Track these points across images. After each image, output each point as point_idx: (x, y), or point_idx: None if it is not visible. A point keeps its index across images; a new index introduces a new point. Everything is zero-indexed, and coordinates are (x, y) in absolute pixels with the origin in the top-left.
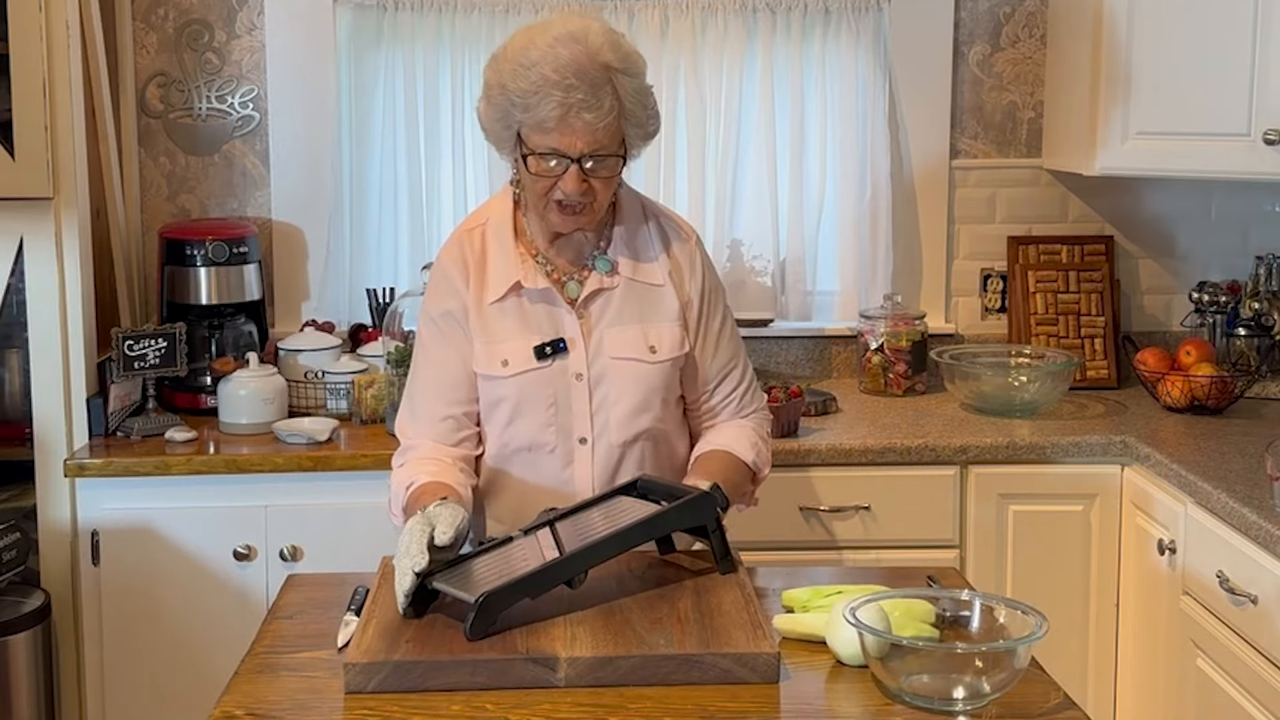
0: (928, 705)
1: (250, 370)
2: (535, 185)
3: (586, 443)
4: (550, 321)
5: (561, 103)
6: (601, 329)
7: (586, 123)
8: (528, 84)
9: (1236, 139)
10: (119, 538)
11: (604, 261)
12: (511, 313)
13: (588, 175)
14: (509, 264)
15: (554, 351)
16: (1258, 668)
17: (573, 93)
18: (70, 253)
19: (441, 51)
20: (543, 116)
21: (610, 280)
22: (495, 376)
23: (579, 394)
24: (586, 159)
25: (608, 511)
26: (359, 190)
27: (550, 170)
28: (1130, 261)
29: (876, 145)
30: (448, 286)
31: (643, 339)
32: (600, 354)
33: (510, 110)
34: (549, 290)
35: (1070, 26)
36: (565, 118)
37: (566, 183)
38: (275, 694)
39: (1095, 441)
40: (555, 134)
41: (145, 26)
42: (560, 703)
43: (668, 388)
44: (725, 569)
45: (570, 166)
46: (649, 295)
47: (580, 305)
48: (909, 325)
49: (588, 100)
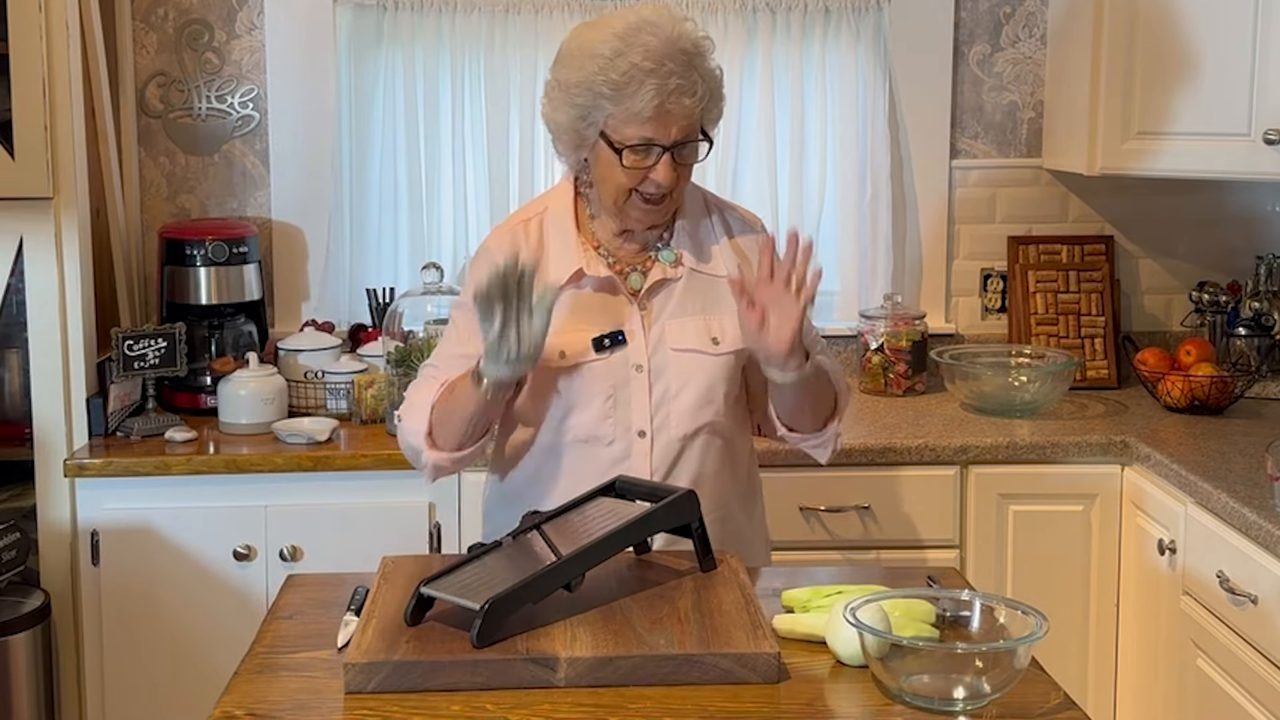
0: (928, 705)
1: (250, 370)
2: (622, 180)
3: (645, 436)
4: (609, 312)
5: (659, 89)
6: (663, 321)
7: (685, 108)
8: (619, 75)
9: (1236, 139)
10: (119, 538)
11: (668, 253)
12: (569, 302)
13: (678, 163)
14: (570, 252)
15: (613, 343)
16: (1258, 668)
17: (670, 79)
18: (70, 253)
19: (441, 51)
20: (639, 107)
21: (674, 271)
22: (552, 367)
23: (638, 386)
24: (678, 146)
25: (593, 513)
26: (359, 190)
27: (643, 162)
28: (1130, 261)
29: (876, 145)
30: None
31: (705, 330)
32: (661, 346)
33: (598, 105)
34: (611, 279)
35: (1070, 26)
36: (663, 105)
37: (660, 172)
38: (275, 694)
39: (1095, 441)
40: (651, 123)
41: (145, 26)
42: (560, 703)
43: (730, 380)
44: (706, 566)
45: (664, 155)
46: (713, 286)
47: (643, 296)
48: (909, 325)
49: (684, 85)
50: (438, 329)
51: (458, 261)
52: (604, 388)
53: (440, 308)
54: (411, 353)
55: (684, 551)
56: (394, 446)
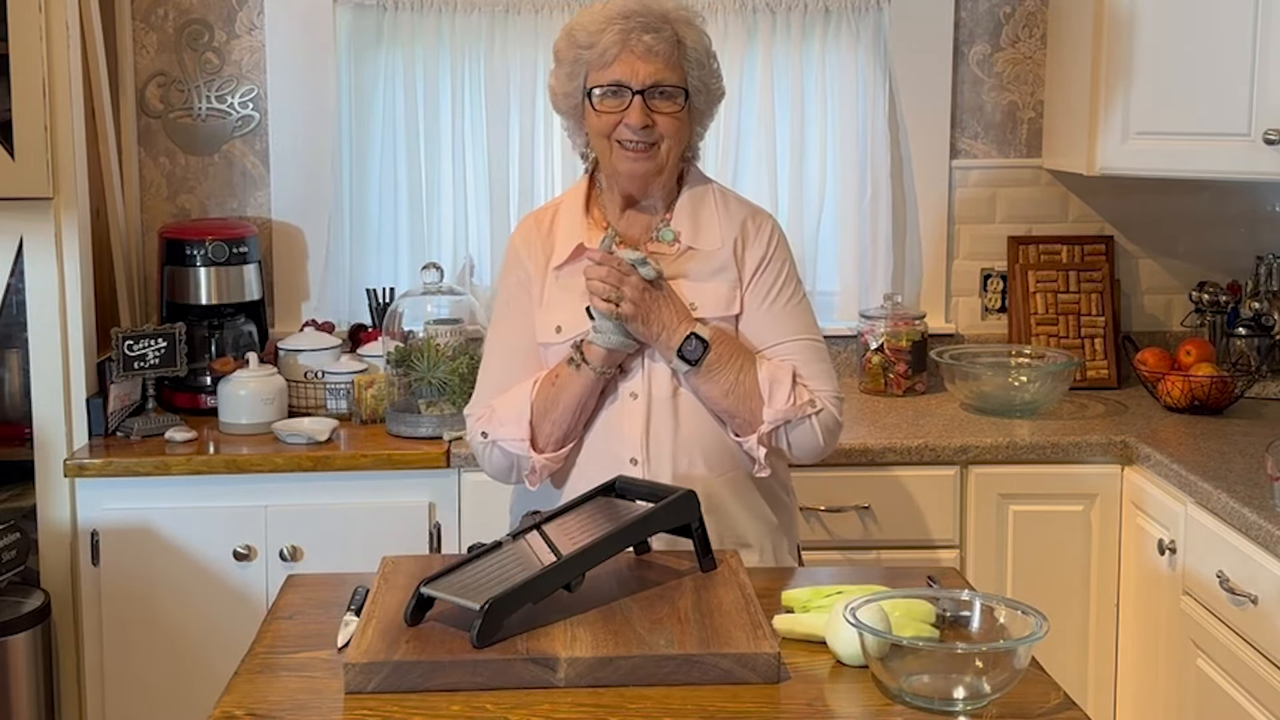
0: (928, 705)
1: (250, 370)
2: (600, 126)
3: (637, 398)
4: None
5: (623, 29)
6: None
7: (646, 45)
8: (594, 24)
9: (1236, 139)
10: (119, 538)
11: (668, 232)
12: (568, 279)
13: (651, 110)
14: (575, 230)
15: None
16: (1258, 668)
17: (633, 19)
18: (70, 253)
19: (441, 51)
20: (604, 46)
21: (671, 249)
22: (551, 343)
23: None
24: (650, 91)
25: (593, 513)
26: (359, 190)
27: (614, 107)
28: (1130, 261)
29: (876, 145)
30: (513, 260)
31: (684, 297)
32: None
33: (579, 57)
34: None
35: (1070, 26)
36: (626, 42)
37: (630, 115)
38: (275, 694)
39: (1095, 441)
40: (617, 64)
41: (145, 26)
42: (560, 703)
43: None
44: (706, 566)
45: (634, 99)
46: (704, 258)
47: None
48: (909, 325)
49: (647, 24)
50: (438, 329)
51: (457, 261)
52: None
53: (440, 308)
54: (411, 353)
55: (684, 551)
56: (394, 446)
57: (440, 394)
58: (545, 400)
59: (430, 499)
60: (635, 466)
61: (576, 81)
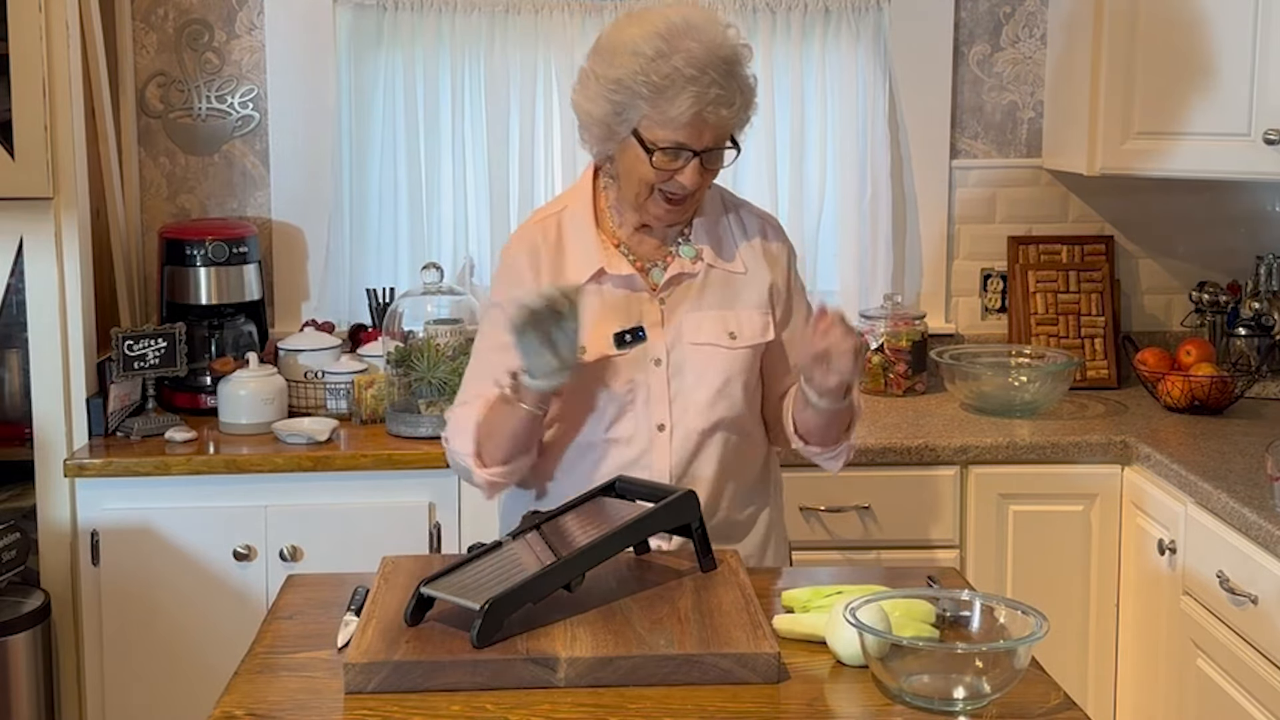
0: (928, 705)
1: (250, 370)
2: (648, 176)
3: (665, 429)
4: (630, 308)
5: (698, 97)
6: (681, 314)
7: (722, 118)
8: (660, 78)
9: (1236, 139)
10: (119, 538)
11: (688, 248)
12: (590, 300)
13: (705, 168)
14: (591, 251)
15: (634, 339)
16: (1258, 668)
17: (710, 89)
18: (70, 253)
19: (441, 51)
20: (676, 113)
21: (693, 266)
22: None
23: (657, 380)
24: (708, 152)
25: (593, 513)
26: (359, 190)
27: (671, 164)
28: (1130, 261)
29: (876, 145)
30: (514, 276)
31: (722, 325)
32: (680, 340)
33: (634, 104)
34: (633, 277)
35: (1070, 26)
36: (700, 113)
37: (686, 175)
38: (275, 694)
39: (1095, 441)
40: (686, 129)
41: (145, 26)
42: (560, 703)
43: (748, 374)
44: (707, 566)
45: (693, 160)
46: (731, 282)
47: (662, 291)
48: (909, 325)
49: (723, 96)
50: (438, 329)
51: (457, 261)
52: (624, 383)
53: (440, 307)
54: (411, 353)
55: (684, 551)
56: (394, 446)
57: (440, 394)
58: (488, 424)
59: (430, 499)
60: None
61: (623, 116)
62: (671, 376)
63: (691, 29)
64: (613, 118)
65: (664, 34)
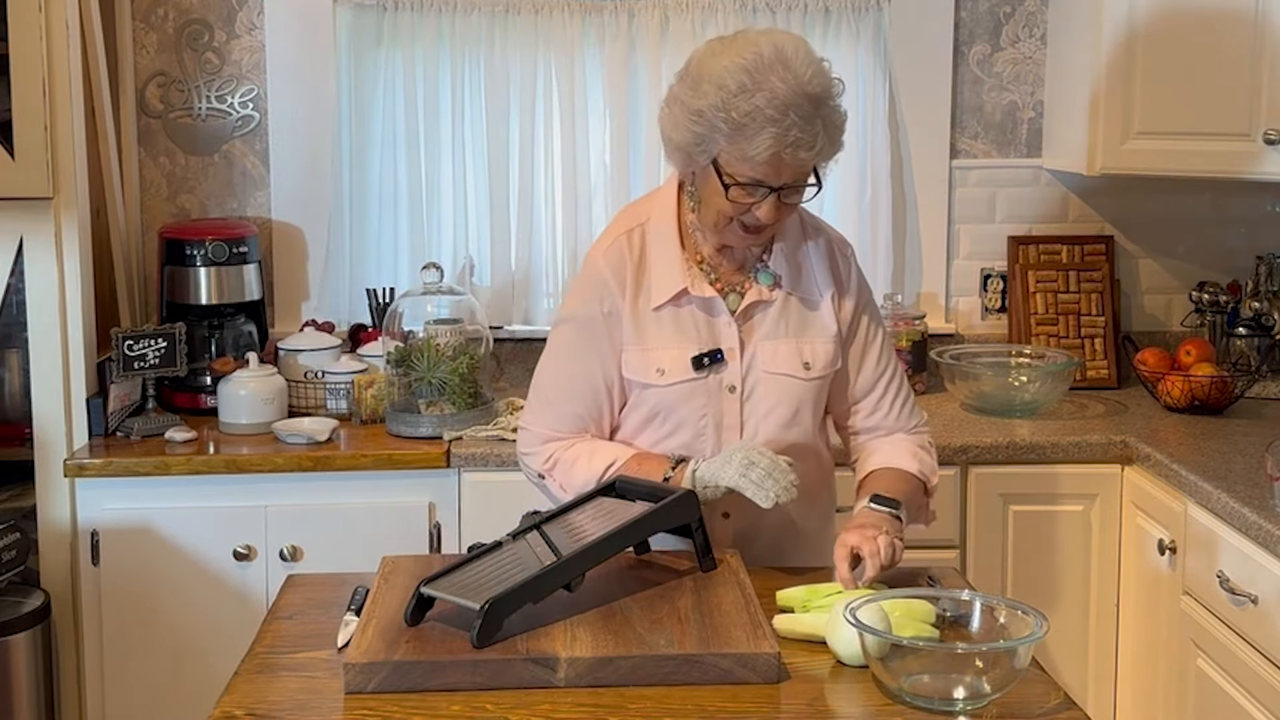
0: (928, 705)
1: (250, 370)
2: (725, 208)
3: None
4: (709, 331)
5: (777, 138)
6: (756, 341)
7: (801, 160)
8: (740, 115)
9: (1236, 139)
10: (119, 538)
11: (766, 275)
12: (670, 320)
13: (784, 202)
14: (674, 270)
15: (711, 362)
16: (1258, 668)
17: (790, 131)
18: (70, 253)
19: (441, 51)
20: (754, 152)
21: (770, 294)
22: (650, 385)
23: (730, 406)
24: (786, 188)
25: (593, 513)
26: (359, 190)
27: (744, 195)
28: (1130, 261)
29: (876, 145)
30: (601, 290)
31: (798, 354)
32: (754, 367)
33: (714, 137)
34: (714, 299)
35: (1070, 26)
36: (779, 154)
37: (762, 210)
38: (275, 694)
39: (1095, 441)
40: (764, 167)
41: (145, 26)
42: (560, 703)
43: (818, 403)
44: (707, 566)
45: (771, 196)
46: (807, 310)
47: (739, 317)
48: (909, 325)
49: (803, 139)
50: (438, 329)
51: (457, 261)
52: (698, 406)
53: (440, 308)
54: (411, 353)
55: (684, 551)
56: (394, 446)
57: (440, 394)
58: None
59: (430, 499)
60: None
61: (703, 147)
62: (745, 403)
63: (779, 64)
64: (693, 147)
65: (750, 68)
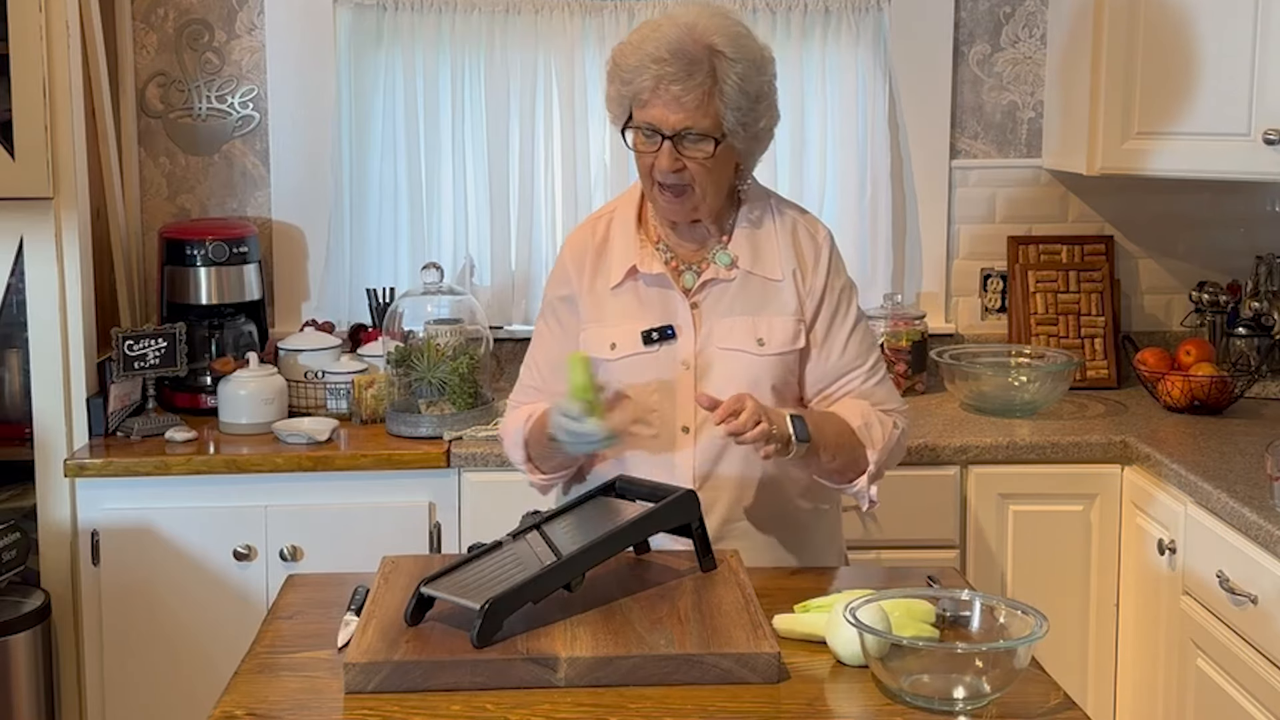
0: (928, 705)
1: (250, 370)
2: (639, 164)
3: (689, 431)
4: (664, 308)
5: (655, 75)
6: (713, 319)
7: (674, 95)
8: (634, 59)
9: (1236, 139)
10: (119, 538)
11: (724, 255)
12: (628, 298)
13: (681, 154)
14: (629, 249)
15: (661, 338)
16: (1258, 668)
17: (665, 66)
18: (70, 253)
19: (441, 51)
20: (639, 88)
21: (727, 273)
22: (603, 360)
23: (684, 382)
24: (680, 137)
25: (593, 512)
26: (359, 190)
27: (646, 146)
28: (1130, 261)
29: (876, 145)
30: (561, 274)
31: (752, 331)
32: (709, 344)
33: (622, 87)
34: (663, 276)
35: (1070, 26)
36: (656, 89)
37: (660, 159)
38: (275, 694)
39: (1095, 441)
40: (650, 108)
41: (145, 26)
42: (560, 703)
43: (779, 381)
44: (707, 566)
45: (663, 144)
46: (765, 289)
47: (694, 294)
48: (909, 325)
49: (678, 74)
50: (438, 329)
51: (457, 261)
52: (651, 381)
53: (440, 308)
54: (411, 353)
55: (684, 551)
56: (394, 446)
57: (440, 394)
58: (537, 444)
59: (430, 499)
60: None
61: (624, 107)
62: (699, 380)
63: (683, 19)
64: (615, 104)
65: (654, 23)
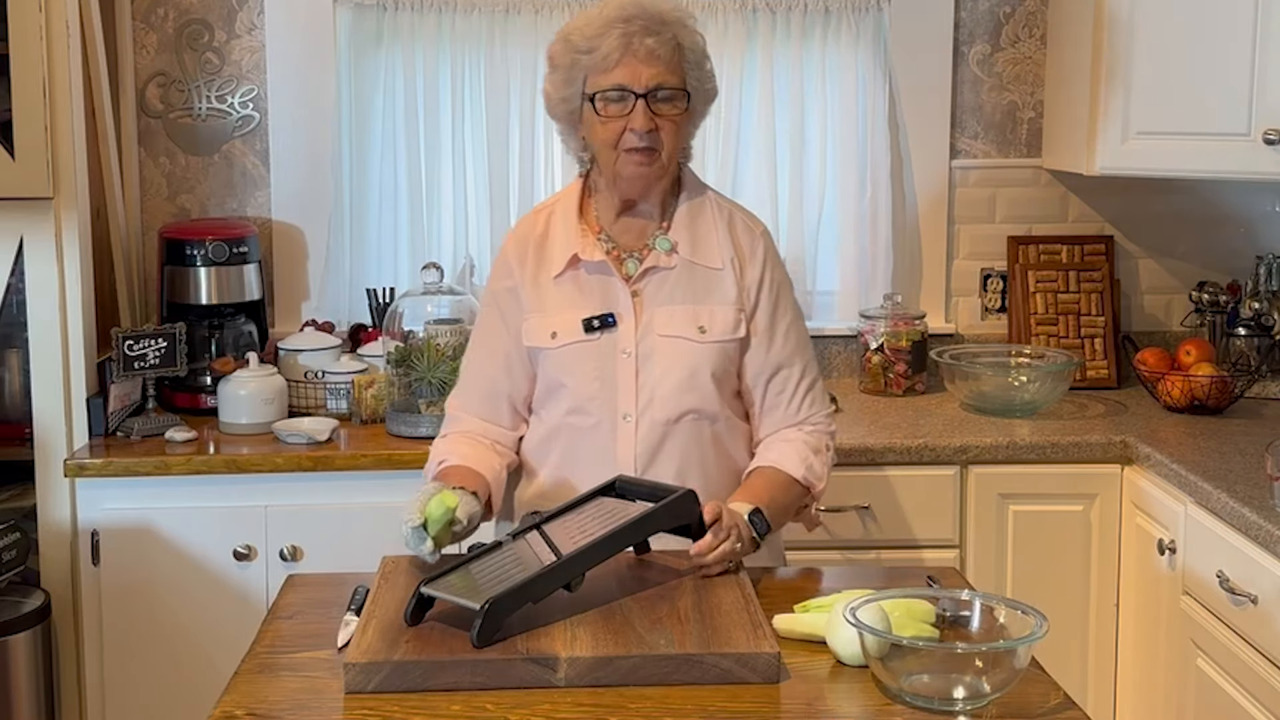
0: (928, 705)
1: (250, 370)
2: (606, 134)
3: (630, 419)
4: (605, 296)
5: (624, 33)
6: (654, 307)
7: (649, 48)
8: (592, 29)
9: (1236, 139)
10: (119, 538)
11: (664, 241)
12: (568, 287)
13: (655, 112)
14: (570, 239)
15: (602, 325)
16: (1258, 668)
17: (633, 23)
18: (70, 253)
19: (441, 51)
20: (606, 51)
21: (668, 260)
22: (543, 348)
23: (625, 369)
24: (653, 94)
25: (593, 512)
26: (359, 190)
27: (618, 112)
28: (1130, 261)
29: (876, 145)
30: (503, 266)
31: (693, 319)
32: (650, 331)
33: (577, 61)
34: (604, 263)
35: (1070, 26)
36: (628, 46)
37: (635, 119)
38: (275, 694)
39: (1095, 441)
40: (619, 68)
41: (145, 26)
42: (560, 703)
43: (718, 370)
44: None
45: (637, 102)
46: (706, 277)
47: (635, 282)
48: (909, 325)
49: (649, 27)
50: (438, 329)
51: (457, 261)
52: (591, 369)
53: (440, 308)
54: (411, 353)
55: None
56: (394, 446)
57: (440, 394)
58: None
59: None
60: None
61: (574, 86)
62: (640, 367)
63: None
64: (564, 87)
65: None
